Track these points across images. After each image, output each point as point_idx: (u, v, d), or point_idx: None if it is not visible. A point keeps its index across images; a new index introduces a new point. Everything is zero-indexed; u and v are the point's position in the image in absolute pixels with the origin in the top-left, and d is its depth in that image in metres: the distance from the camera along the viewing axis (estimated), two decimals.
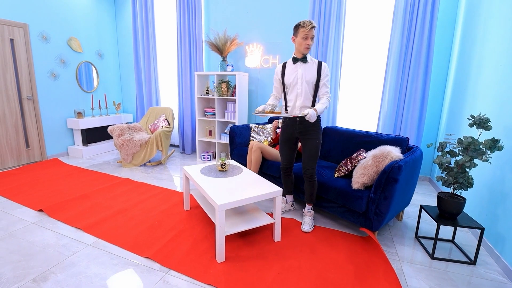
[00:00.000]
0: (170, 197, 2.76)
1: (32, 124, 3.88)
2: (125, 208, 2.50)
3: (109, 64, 4.99)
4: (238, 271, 1.69)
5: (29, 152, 3.87)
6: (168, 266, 1.73)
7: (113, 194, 2.80)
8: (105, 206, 2.53)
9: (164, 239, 2.01)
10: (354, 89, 3.68)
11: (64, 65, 4.22)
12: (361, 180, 2.06)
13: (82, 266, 1.73)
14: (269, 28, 3.95)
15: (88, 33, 4.55)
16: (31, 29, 3.75)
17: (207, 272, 1.68)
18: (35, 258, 1.79)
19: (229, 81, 3.89)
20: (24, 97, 3.76)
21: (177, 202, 2.64)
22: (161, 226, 2.19)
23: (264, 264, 1.77)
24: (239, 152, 3.23)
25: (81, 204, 2.57)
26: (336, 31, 3.45)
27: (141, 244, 1.95)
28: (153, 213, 2.40)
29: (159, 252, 1.86)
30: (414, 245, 2.06)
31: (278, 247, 1.96)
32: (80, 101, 4.51)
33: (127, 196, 2.77)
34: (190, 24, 4.22)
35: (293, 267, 1.74)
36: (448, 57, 3.25)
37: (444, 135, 3.10)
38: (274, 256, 1.85)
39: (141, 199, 2.70)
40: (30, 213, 2.39)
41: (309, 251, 1.92)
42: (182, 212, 2.45)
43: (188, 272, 1.68)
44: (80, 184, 3.06)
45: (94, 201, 2.62)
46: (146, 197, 2.75)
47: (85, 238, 2.04)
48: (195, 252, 1.86)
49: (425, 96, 3.19)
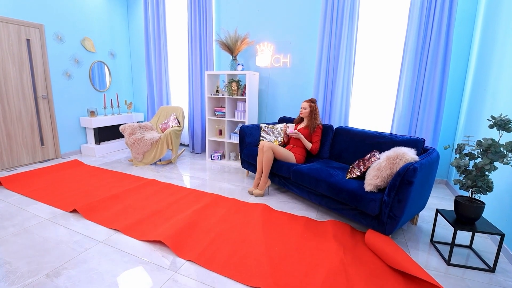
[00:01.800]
0: (201, 198, 2.75)
1: (47, 123, 4.01)
2: (159, 209, 2.49)
3: (121, 63, 5.10)
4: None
5: (43, 150, 4.01)
6: (213, 269, 1.73)
7: (143, 195, 2.80)
8: (139, 207, 2.53)
9: (205, 241, 2.00)
10: (367, 88, 3.62)
11: (78, 64, 4.34)
12: (374, 182, 2.03)
13: (94, 262, 1.78)
14: (280, 27, 3.95)
15: (101, 33, 4.67)
16: (47, 30, 3.87)
17: (253, 275, 1.66)
18: (49, 254, 1.85)
19: (239, 80, 3.91)
20: (39, 96, 3.89)
21: (209, 203, 2.62)
22: (197, 227, 2.19)
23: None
24: (249, 152, 3.24)
25: (113, 205, 2.56)
26: (349, 29, 3.41)
27: (183, 246, 1.95)
28: (187, 214, 2.38)
29: (201, 255, 1.85)
30: (429, 250, 2.02)
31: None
32: (93, 100, 4.63)
33: (157, 197, 2.77)
34: (201, 24, 4.26)
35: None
36: (467, 55, 3.16)
37: (462, 136, 3.02)
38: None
39: (173, 200, 2.70)
40: (45, 210, 2.47)
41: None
42: (216, 213, 2.45)
43: (233, 275, 1.67)
44: (108, 185, 3.05)
45: (125, 203, 2.61)
46: (177, 198, 2.75)
47: (97, 235, 2.09)
48: (237, 255, 1.85)
49: (442, 96, 3.11)
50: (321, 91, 3.67)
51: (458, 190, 2.93)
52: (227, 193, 2.97)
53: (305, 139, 2.94)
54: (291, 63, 3.99)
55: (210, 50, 4.27)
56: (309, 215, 2.51)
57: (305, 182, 2.55)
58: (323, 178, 2.39)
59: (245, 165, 3.42)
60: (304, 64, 3.90)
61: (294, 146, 3.03)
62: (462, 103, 3.23)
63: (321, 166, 2.63)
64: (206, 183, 3.25)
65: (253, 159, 3.15)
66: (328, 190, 2.33)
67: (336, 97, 3.58)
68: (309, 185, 2.51)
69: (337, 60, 3.53)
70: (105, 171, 3.58)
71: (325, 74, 3.62)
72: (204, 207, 2.54)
